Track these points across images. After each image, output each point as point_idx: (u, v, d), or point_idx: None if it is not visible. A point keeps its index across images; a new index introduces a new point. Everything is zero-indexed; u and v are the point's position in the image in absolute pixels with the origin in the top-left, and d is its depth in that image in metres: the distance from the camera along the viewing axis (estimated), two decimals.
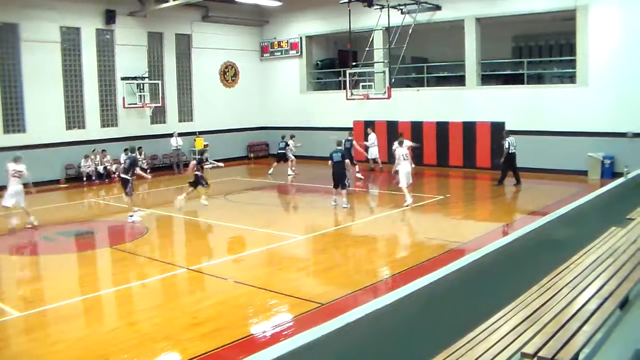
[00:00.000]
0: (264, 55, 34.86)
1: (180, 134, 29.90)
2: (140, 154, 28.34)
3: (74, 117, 27.48)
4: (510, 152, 21.62)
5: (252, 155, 34.21)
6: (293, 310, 9.98)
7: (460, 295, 5.51)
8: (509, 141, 21.64)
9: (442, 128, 27.15)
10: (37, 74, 25.69)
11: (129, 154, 20.00)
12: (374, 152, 26.54)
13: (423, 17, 27.15)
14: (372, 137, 26.72)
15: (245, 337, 8.99)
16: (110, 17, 27.82)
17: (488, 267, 5.83)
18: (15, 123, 25.54)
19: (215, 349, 8.43)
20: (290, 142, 27.33)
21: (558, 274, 6.38)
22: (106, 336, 9.23)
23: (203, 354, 8.29)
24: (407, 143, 20.90)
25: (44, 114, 25.99)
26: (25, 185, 17.10)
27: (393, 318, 4.49)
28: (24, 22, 25.19)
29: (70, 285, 12.15)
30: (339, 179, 18.11)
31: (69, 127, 27.24)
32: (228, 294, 11.18)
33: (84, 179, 26.69)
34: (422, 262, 12.52)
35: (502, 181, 22.05)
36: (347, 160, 18.34)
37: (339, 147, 18.85)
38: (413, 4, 26.40)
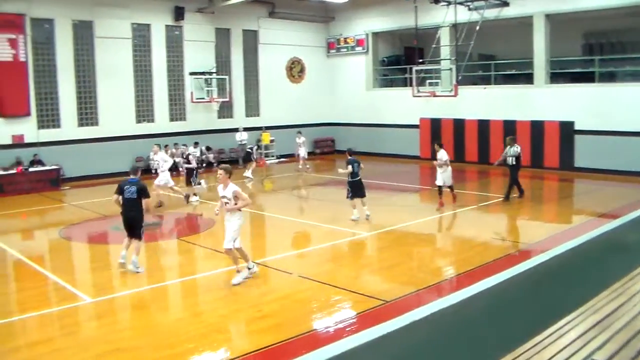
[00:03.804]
0: (331, 51, 34.93)
1: (246, 129, 30.22)
2: (208, 150, 28.87)
3: (144, 111, 28.15)
4: (510, 163, 19.35)
5: (318, 151, 34.29)
6: (356, 306, 9.99)
7: (527, 297, 5.42)
8: (514, 151, 19.37)
9: (510, 127, 26.63)
10: (110, 70, 26.48)
11: None
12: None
13: (490, 13, 26.70)
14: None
15: (308, 332, 9.04)
16: (179, 13, 28.36)
17: (556, 270, 5.72)
18: (88, 116, 26.35)
19: (278, 342, 8.51)
20: (300, 139, 27.22)
21: (630, 280, 6.22)
22: (172, 325, 9.44)
23: (266, 347, 8.38)
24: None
25: (115, 107, 26.78)
26: None
27: (458, 318, 4.45)
28: (98, 20, 25.99)
29: (139, 274, 12.43)
30: (132, 225, 12.38)
31: (139, 121, 27.93)
32: (292, 288, 11.27)
33: (153, 171, 27.20)
34: (488, 262, 12.36)
35: (521, 193, 19.57)
36: (145, 200, 12.29)
37: (133, 177, 12.50)
38: (480, 0, 26.05)
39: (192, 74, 29.23)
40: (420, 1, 25.41)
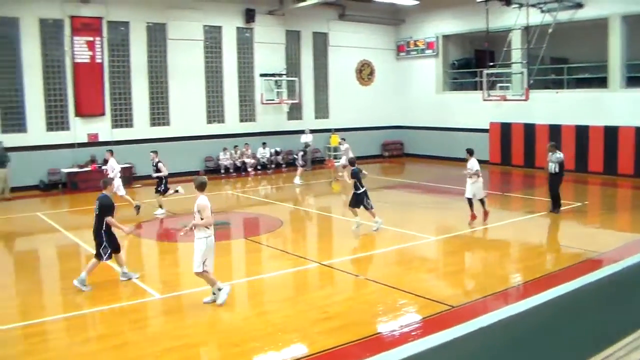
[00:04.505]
0: (400, 54, 34.73)
1: (315, 131, 30.31)
2: (277, 154, 29.06)
3: (214, 111, 28.61)
4: (552, 171, 17.71)
5: (386, 153, 34.18)
6: (422, 311, 9.86)
7: (597, 308, 5.22)
8: (556, 157, 17.72)
9: (582, 132, 25.95)
10: (181, 71, 27.10)
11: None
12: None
13: (564, 15, 25.94)
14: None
15: (374, 334, 8.97)
16: (250, 15, 28.72)
17: (629, 280, 5.50)
18: (160, 116, 26.96)
19: (343, 344, 8.47)
20: (344, 146, 26.23)
21: None
22: (238, 324, 9.53)
23: (331, 348, 8.35)
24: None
25: (186, 108, 27.37)
26: None
27: (525, 326, 4.34)
28: (171, 22, 26.64)
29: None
30: (94, 240, 11.72)
31: (209, 121, 28.40)
32: (358, 290, 11.21)
33: (222, 171, 27.65)
34: (557, 270, 12.07)
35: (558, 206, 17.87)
36: (108, 219, 11.51)
37: (103, 192, 11.88)
38: (553, 2, 25.37)
39: (262, 75, 29.53)
40: (491, 3, 24.98)
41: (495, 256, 14.02)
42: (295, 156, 26.45)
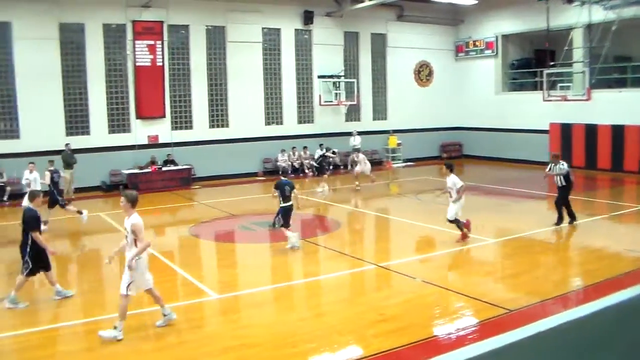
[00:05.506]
0: (459, 54, 34.38)
1: (373, 132, 30.26)
2: (334, 154, 28.97)
3: (273, 113, 28.82)
4: (559, 184, 16.03)
5: (444, 155, 33.84)
6: (480, 314, 9.73)
7: None
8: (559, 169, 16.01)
9: None
10: (240, 73, 27.41)
11: None
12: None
13: (628, 12, 25.21)
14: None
15: (430, 337, 8.90)
16: (308, 17, 28.84)
17: None
18: (219, 118, 27.31)
19: (399, 347, 8.42)
20: (359, 157, 24.47)
21: None
22: (294, 325, 9.55)
23: (386, 350, 8.31)
24: None
25: (245, 110, 27.64)
26: None
27: (585, 332, 4.23)
28: (230, 25, 26.99)
29: (263, 273, 12.72)
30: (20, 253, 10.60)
31: (267, 123, 28.62)
32: (415, 293, 11.12)
33: (280, 172, 27.80)
34: (618, 275, 11.72)
35: (562, 219, 16.14)
36: (34, 234, 10.35)
37: (30, 205, 11.20)
38: None
39: (320, 77, 29.63)
40: (552, 2, 24.50)
41: (554, 259, 13.75)
42: (314, 163, 25.92)
